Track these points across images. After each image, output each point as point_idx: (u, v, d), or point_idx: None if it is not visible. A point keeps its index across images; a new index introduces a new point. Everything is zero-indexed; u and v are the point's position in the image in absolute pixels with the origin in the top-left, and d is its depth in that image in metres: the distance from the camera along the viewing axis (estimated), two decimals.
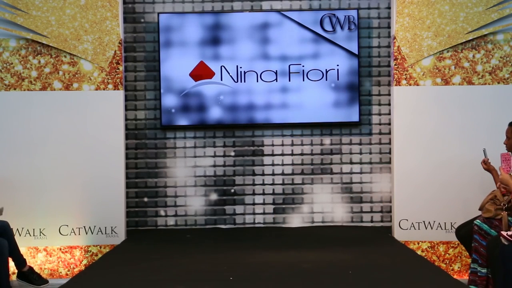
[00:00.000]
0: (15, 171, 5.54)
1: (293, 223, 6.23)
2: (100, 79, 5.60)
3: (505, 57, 5.63)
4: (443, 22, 5.61)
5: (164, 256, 4.73)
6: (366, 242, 5.37)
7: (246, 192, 6.24)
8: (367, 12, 6.21)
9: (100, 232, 5.60)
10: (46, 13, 5.53)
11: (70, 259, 5.62)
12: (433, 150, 5.63)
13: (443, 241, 5.65)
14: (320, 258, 4.65)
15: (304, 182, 6.25)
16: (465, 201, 5.43)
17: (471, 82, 5.64)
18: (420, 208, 5.64)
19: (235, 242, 5.43)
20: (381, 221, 6.20)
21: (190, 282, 3.96)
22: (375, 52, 6.23)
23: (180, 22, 5.97)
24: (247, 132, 6.25)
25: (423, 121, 5.64)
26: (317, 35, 6.11)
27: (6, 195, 5.51)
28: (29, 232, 5.56)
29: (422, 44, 5.62)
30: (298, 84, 6.13)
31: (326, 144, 6.26)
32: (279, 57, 6.12)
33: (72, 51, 5.58)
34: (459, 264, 5.65)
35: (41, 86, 5.59)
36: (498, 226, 4.66)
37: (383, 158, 6.22)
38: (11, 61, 5.57)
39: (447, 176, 5.61)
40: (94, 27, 5.58)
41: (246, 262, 4.56)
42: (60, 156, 5.56)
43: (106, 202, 5.58)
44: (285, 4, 6.23)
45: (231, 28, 6.09)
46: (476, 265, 4.74)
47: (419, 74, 5.64)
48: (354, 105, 6.13)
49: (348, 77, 6.12)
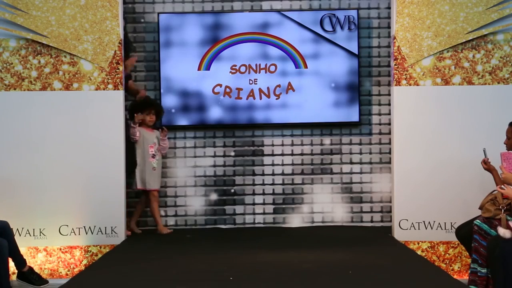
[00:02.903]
0: (15, 171, 5.53)
1: (293, 223, 6.25)
2: (100, 79, 5.60)
3: (505, 57, 5.62)
4: (443, 22, 5.61)
5: (164, 256, 4.74)
6: (366, 242, 5.38)
7: (246, 192, 6.26)
8: (367, 12, 6.23)
9: (100, 232, 5.59)
10: (46, 13, 5.53)
11: (70, 259, 5.61)
12: (433, 150, 5.62)
13: (443, 241, 5.64)
14: (320, 258, 4.65)
15: (304, 182, 6.26)
16: (465, 201, 5.42)
17: (471, 82, 5.64)
18: (420, 208, 5.62)
19: (235, 242, 5.43)
20: (381, 221, 6.22)
21: (190, 282, 3.96)
22: (375, 52, 6.24)
23: (180, 22, 5.99)
24: (247, 132, 6.27)
25: (423, 121, 5.64)
26: (317, 35, 6.12)
27: (6, 195, 5.51)
28: (29, 232, 5.55)
29: (422, 44, 5.62)
30: (298, 84, 6.14)
31: (326, 144, 6.27)
32: (279, 57, 6.13)
33: (72, 51, 5.57)
34: (459, 264, 5.64)
35: (41, 86, 5.58)
36: (498, 226, 4.66)
37: (383, 158, 6.23)
38: (11, 61, 5.56)
39: (447, 176, 5.60)
40: (94, 27, 5.57)
41: (246, 262, 4.56)
42: (60, 156, 5.55)
43: (106, 202, 5.57)
44: (285, 4, 6.25)
45: (231, 28, 6.10)
46: (476, 265, 4.73)
47: (419, 74, 5.64)
48: (354, 105, 6.14)
49: (348, 77, 6.13)
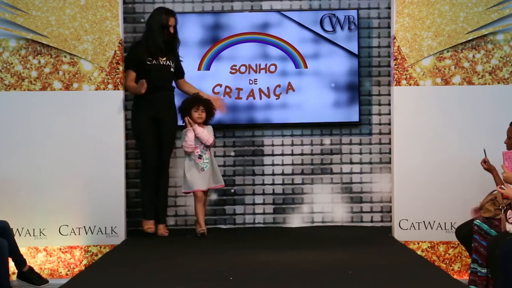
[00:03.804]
0: (15, 171, 5.54)
1: (293, 223, 6.26)
2: (100, 79, 5.61)
3: (505, 57, 5.64)
4: (443, 22, 5.62)
5: (164, 256, 4.75)
6: (366, 242, 5.39)
7: (246, 192, 6.26)
8: (367, 12, 6.24)
9: (100, 232, 5.61)
10: (46, 13, 5.54)
11: (70, 259, 5.63)
12: (433, 150, 5.64)
13: (443, 241, 5.66)
14: (320, 258, 4.66)
15: (304, 182, 6.27)
16: (465, 201, 5.42)
17: (471, 82, 5.65)
18: (420, 208, 5.64)
19: (235, 242, 5.45)
20: (381, 221, 6.23)
21: (190, 282, 3.96)
22: (375, 52, 6.25)
23: (180, 22, 5.97)
24: (247, 132, 6.28)
25: (423, 121, 5.65)
26: (317, 35, 6.13)
27: (6, 195, 5.52)
28: (29, 232, 5.57)
29: (422, 44, 5.63)
30: (298, 84, 6.15)
31: (326, 144, 6.28)
32: (279, 57, 6.14)
33: (72, 51, 5.59)
34: (459, 264, 5.66)
35: (41, 86, 5.60)
36: (498, 226, 4.66)
37: (383, 158, 6.24)
38: (11, 61, 5.58)
39: (447, 176, 5.62)
40: (94, 27, 5.59)
41: (246, 262, 4.56)
42: (60, 156, 5.57)
43: (106, 202, 5.58)
44: (285, 4, 6.25)
45: (231, 28, 6.11)
46: (476, 265, 4.74)
47: (419, 74, 5.65)
48: (354, 105, 6.15)
49: (348, 77, 6.14)
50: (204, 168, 5.54)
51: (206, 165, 5.56)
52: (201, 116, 5.54)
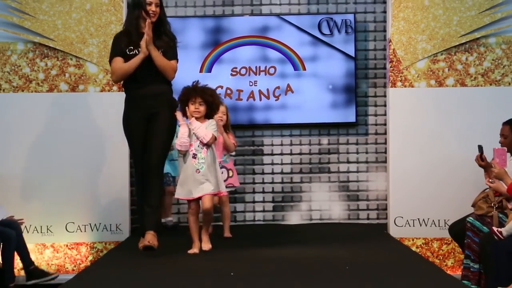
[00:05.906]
0: (23, 170, 5.63)
1: (292, 221, 6.31)
2: (105, 81, 5.69)
3: (497, 60, 5.71)
4: (437, 26, 5.70)
5: (166, 252, 4.73)
6: (363, 239, 5.42)
7: (246, 190, 6.30)
8: (364, 16, 6.29)
9: (105, 229, 5.68)
10: (53, 17, 5.63)
11: (76, 255, 5.70)
12: (428, 150, 5.70)
13: (437, 237, 5.73)
14: (318, 254, 4.69)
15: (302, 181, 6.32)
16: (458, 199, 5.48)
17: (464, 84, 5.72)
18: (415, 206, 5.71)
19: (235, 238, 5.45)
20: (377, 218, 6.27)
21: (192, 278, 4.00)
22: (371, 55, 6.30)
23: (182, 26, 6.03)
24: (247, 132, 6.32)
25: (418, 121, 5.72)
26: (315, 38, 6.18)
27: (16, 193, 5.61)
28: (36, 229, 5.63)
29: (417, 47, 5.70)
30: (297, 85, 6.21)
31: (324, 144, 6.33)
32: (278, 59, 6.21)
33: (78, 54, 5.66)
34: (452, 260, 5.73)
35: (48, 88, 5.68)
36: (490, 223, 4.74)
37: (379, 157, 6.29)
38: (19, 63, 5.65)
39: (441, 175, 5.69)
40: (99, 31, 5.67)
41: (246, 258, 4.60)
42: (67, 155, 5.64)
43: (111, 200, 5.67)
44: (284, 8, 6.30)
45: (231, 31, 6.17)
46: (468, 261, 4.83)
47: (414, 76, 5.72)
48: (351, 106, 6.20)
49: (345, 79, 6.18)
50: (199, 169, 4.59)
51: (201, 166, 4.60)
52: (198, 109, 4.62)
